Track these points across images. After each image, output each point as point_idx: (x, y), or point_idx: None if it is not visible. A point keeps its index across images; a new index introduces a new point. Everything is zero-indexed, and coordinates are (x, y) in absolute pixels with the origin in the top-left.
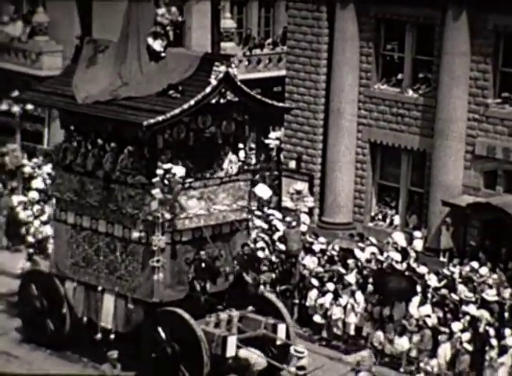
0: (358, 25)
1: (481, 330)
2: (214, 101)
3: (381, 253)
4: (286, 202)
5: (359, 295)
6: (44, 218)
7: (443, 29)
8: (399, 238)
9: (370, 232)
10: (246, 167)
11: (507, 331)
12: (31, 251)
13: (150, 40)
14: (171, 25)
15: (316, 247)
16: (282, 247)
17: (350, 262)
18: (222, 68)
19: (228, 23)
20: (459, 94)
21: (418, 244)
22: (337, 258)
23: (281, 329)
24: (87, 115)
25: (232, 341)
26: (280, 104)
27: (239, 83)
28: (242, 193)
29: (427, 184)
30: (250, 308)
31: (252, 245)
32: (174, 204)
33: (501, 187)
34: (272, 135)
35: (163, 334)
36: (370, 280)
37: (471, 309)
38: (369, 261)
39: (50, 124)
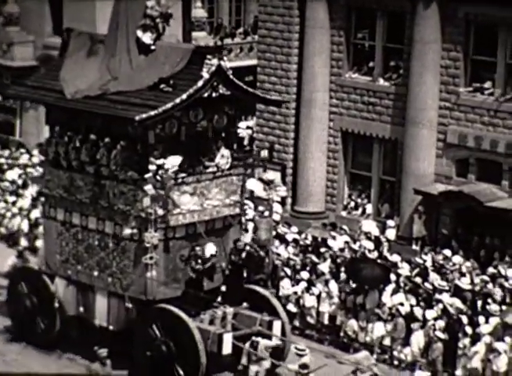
0: (329, 14)
1: (454, 318)
2: (206, 95)
3: (354, 242)
4: (259, 192)
5: (333, 284)
6: (15, 210)
7: (414, 17)
8: (370, 227)
9: (343, 221)
10: (236, 161)
11: (481, 319)
12: (21, 247)
13: (140, 33)
14: (160, 17)
15: (289, 237)
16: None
17: (323, 250)
18: (214, 61)
19: (199, 12)
20: (431, 82)
21: (390, 233)
22: (311, 247)
23: (277, 326)
24: (77, 110)
25: (228, 338)
26: (273, 97)
27: (231, 76)
28: (235, 188)
29: (398, 173)
30: (245, 304)
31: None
32: (167, 199)
33: (473, 175)
34: (243, 124)
35: (157, 333)
36: (343, 268)
37: (444, 297)
38: (342, 250)
39: (22, 116)
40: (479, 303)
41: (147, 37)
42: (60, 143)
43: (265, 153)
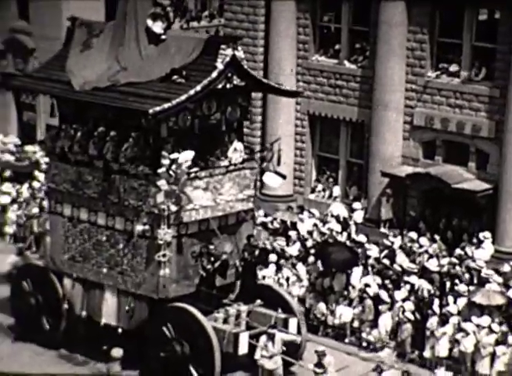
0: None
1: (422, 299)
2: (220, 86)
3: (323, 224)
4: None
5: (301, 267)
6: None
7: None
8: (339, 209)
9: (311, 204)
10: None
11: (450, 300)
12: (21, 245)
13: (150, 22)
14: (171, 6)
15: (257, 220)
16: None
17: (291, 234)
18: (229, 51)
19: None
20: (397, 65)
21: (358, 215)
22: (279, 230)
23: (292, 323)
24: (85, 102)
25: (244, 338)
26: (288, 88)
27: (245, 67)
28: (248, 182)
29: (366, 155)
30: (259, 301)
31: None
32: (181, 195)
33: (440, 157)
34: None
35: (171, 332)
36: (312, 251)
37: (412, 278)
38: (310, 233)
39: None
40: (447, 284)
41: (157, 27)
42: (68, 136)
43: None
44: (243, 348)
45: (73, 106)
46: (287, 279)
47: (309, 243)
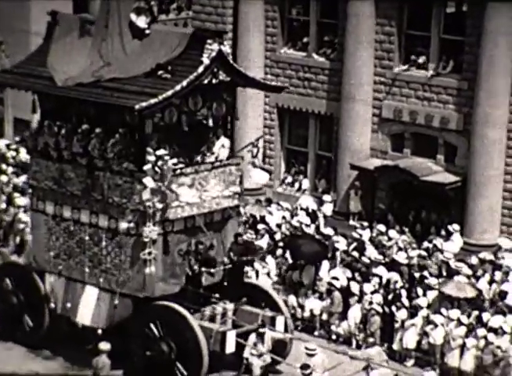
0: None
1: (391, 291)
2: (206, 81)
3: (292, 217)
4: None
5: (270, 260)
6: None
7: None
8: (308, 202)
9: (280, 196)
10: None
11: (419, 292)
12: None
13: (133, 16)
14: (155, 0)
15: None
16: None
17: (260, 227)
18: (215, 46)
19: None
20: (365, 57)
21: (327, 208)
22: (248, 224)
23: (279, 321)
24: (68, 98)
25: (231, 336)
26: (273, 83)
27: (231, 62)
28: (233, 178)
29: (335, 148)
30: (244, 299)
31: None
32: (167, 192)
33: (408, 150)
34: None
35: (157, 331)
36: (281, 244)
37: (381, 270)
38: (279, 225)
39: None
40: (416, 277)
41: (141, 21)
42: (49, 133)
43: None
44: (230, 347)
45: (55, 102)
46: (257, 272)
47: (278, 236)
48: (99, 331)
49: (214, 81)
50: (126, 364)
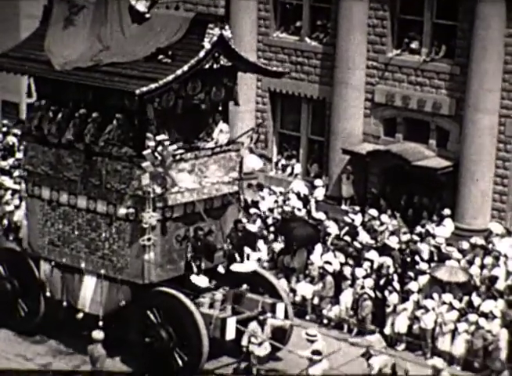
0: None
1: (383, 276)
2: (207, 66)
3: (284, 201)
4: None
5: (262, 245)
6: None
7: None
8: (300, 186)
9: (272, 181)
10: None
11: (411, 276)
12: None
13: (133, 0)
14: None
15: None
16: None
17: (252, 211)
18: (216, 31)
19: None
20: (358, 42)
21: (319, 193)
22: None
23: (280, 308)
24: (65, 83)
25: (231, 323)
26: (274, 69)
27: (233, 46)
28: (233, 164)
29: (327, 132)
30: (245, 286)
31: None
32: (166, 177)
33: (400, 134)
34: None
35: (156, 317)
36: (272, 229)
37: (373, 255)
38: (271, 210)
39: None
40: (408, 261)
41: (141, 5)
42: (46, 118)
43: None
44: (230, 334)
45: (52, 86)
46: (248, 256)
47: (270, 220)
48: (100, 323)
49: (215, 66)
50: (125, 351)
